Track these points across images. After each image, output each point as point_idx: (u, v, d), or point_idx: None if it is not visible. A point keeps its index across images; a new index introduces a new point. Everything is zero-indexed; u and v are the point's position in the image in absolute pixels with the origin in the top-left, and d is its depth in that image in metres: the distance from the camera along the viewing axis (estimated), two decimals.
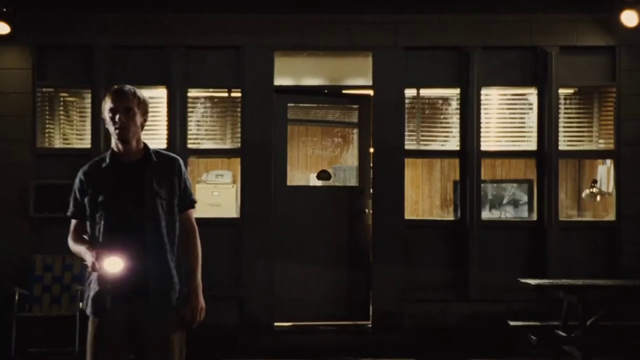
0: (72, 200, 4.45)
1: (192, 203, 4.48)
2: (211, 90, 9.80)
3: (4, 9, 9.01)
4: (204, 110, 9.80)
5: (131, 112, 4.27)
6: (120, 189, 4.28)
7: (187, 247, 4.46)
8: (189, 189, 4.46)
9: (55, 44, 9.46)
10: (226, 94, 9.82)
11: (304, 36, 9.59)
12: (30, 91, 9.48)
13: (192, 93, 9.72)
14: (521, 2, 9.47)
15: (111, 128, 4.29)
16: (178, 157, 4.48)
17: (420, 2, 9.48)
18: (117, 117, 4.24)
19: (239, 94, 9.65)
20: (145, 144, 4.43)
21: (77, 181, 4.42)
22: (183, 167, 4.44)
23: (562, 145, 9.62)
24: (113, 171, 4.33)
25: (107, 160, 4.38)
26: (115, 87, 4.35)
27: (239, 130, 9.63)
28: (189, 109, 9.67)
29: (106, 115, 4.31)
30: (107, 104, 4.29)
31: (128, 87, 4.33)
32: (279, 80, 9.68)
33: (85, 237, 4.37)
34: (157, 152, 4.42)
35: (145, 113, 4.37)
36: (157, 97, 9.56)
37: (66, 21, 9.38)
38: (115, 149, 4.38)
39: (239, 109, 9.65)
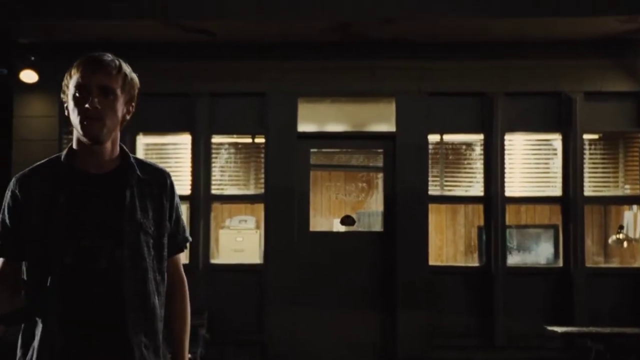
0: None
1: (185, 242, 3.09)
2: (235, 136, 9.86)
3: (32, 58, 9.15)
4: (227, 156, 9.84)
5: (111, 94, 2.81)
6: (82, 215, 2.78)
7: (175, 308, 3.03)
8: (182, 220, 3.10)
9: None
10: (250, 140, 9.87)
11: (328, 82, 9.64)
12: (57, 138, 9.58)
13: (216, 139, 9.77)
14: (544, 48, 9.48)
15: (74, 116, 2.82)
16: (168, 172, 3.08)
17: (442, 48, 9.52)
18: (87, 99, 2.77)
19: (263, 140, 9.70)
20: (123, 148, 2.96)
21: (8, 196, 2.88)
22: (175, 187, 3.05)
23: (588, 191, 9.56)
24: (72, 184, 2.83)
25: (62, 166, 2.88)
26: (90, 54, 2.87)
27: (263, 176, 9.66)
28: (213, 155, 9.72)
29: (69, 93, 2.84)
30: (74, 78, 2.82)
31: (109, 55, 2.88)
32: (303, 126, 9.72)
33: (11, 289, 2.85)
34: (140, 161, 2.98)
35: (131, 100, 2.93)
36: (181, 143, 9.63)
37: None
38: (76, 149, 2.90)
39: (262, 155, 9.69)
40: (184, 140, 9.67)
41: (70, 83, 2.83)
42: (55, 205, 2.78)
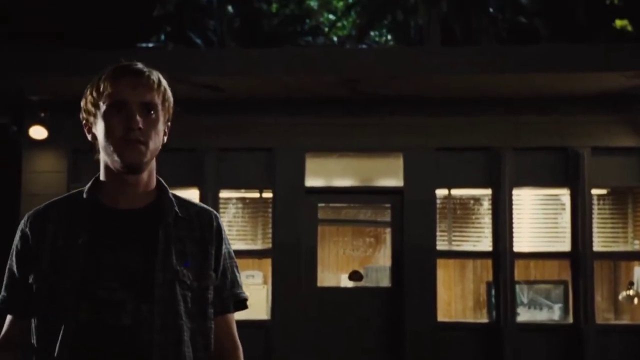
0: (5, 278, 2.43)
1: (235, 299, 2.53)
2: (243, 190, 9.87)
3: (42, 114, 9.21)
4: (235, 211, 9.85)
5: (153, 112, 2.36)
6: (105, 260, 2.29)
7: None
8: (236, 273, 2.53)
9: (89, 147, 9.61)
10: (258, 195, 9.88)
11: (335, 138, 9.68)
12: (66, 193, 9.60)
13: (224, 194, 9.78)
14: (551, 103, 9.51)
15: (107, 139, 2.33)
16: (216, 213, 2.53)
17: (449, 103, 9.56)
18: (128, 118, 2.31)
19: (271, 195, 9.70)
20: (160, 181, 2.48)
21: (17, 237, 2.43)
22: (225, 231, 2.51)
23: (597, 246, 9.50)
24: (95, 222, 2.34)
25: (84, 200, 2.40)
26: (121, 64, 2.39)
27: (270, 230, 9.64)
28: (221, 210, 9.72)
29: (100, 112, 2.35)
30: (106, 93, 2.33)
31: (142, 65, 2.40)
32: (310, 181, 9.73)
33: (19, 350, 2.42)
34: (180, 199, 2.48)
35: (169, 119, 2.48)
36: (189, 198, 9.64)
37: None
38: (103, 180, 2.41)
39: (270, 210, 9.69)
40: (192, 195, 9.68)
41: (101, 100, 2.32)
42: (72, 248, 2.28)
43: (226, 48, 18.66)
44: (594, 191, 9.60)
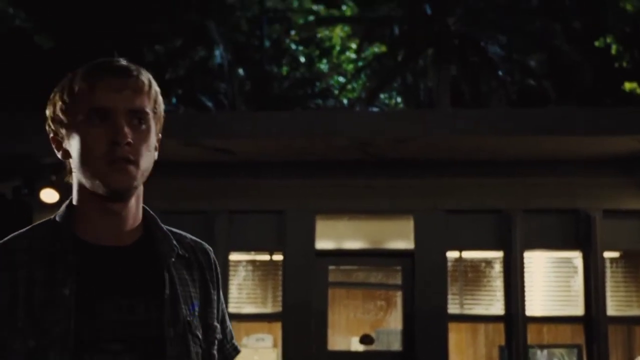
0: None
1: (235, 353, 2.11)
2: (253, 253, 9.84)
3: (53, 177, 9.24)
4: (245, 274, 9.81)
5: (144, 123, 1.86)
6: (99, 314, 1.77)
7: None
8: (229, 320, 2.10)
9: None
10: (268, 257, 9.85)
11: (346, 200, 9.68)
12: None
13: (234, 256, 9.75)
14: (562, 165, 9.51)
15: (85, 158, 1.83)
16: (209, 247, 2.13)
17: (460, 165, 9.56)
18: (113, 130, 1.80)
19: (281, 257, 9.67)
20: (145, 209, 1.99)
21: None
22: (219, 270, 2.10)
23: (611, 310, 9.40)
24: (80, 265, 1.81)
25: (62, 235, 1.86)
26: (102, 60, 1.88)
27: (280, 293, 9.59)
28: (231, 273, 9.68)
29: (74, 121, 1.84)
30: (83, 97, 1.82)
31: (126, 62, 1.87)
32: (320, 243, 9.70)
33: None
34: (172, 231, 2.01)
35: (161, 127, 1.96)
36: None
37: None
38: (79, 208, 1.90)
39: (280, 273, 9.64)
40: None
41: (76, 106, 1.81)
42: (56, 300, 1.73)
43: (236, 111, 18.80)
44: (606, 254, 9.54)
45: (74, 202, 1.92)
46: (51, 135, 1.93)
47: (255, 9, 22.17)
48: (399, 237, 9.84)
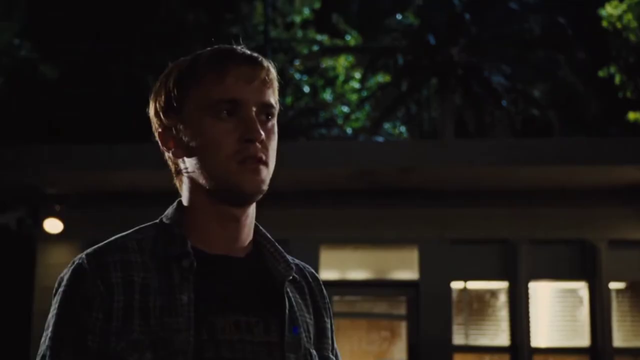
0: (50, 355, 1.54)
1: None
2: None
3: (57, 208, 9.24)
4: None
5: (272, 119, 1.69)
6: (220, 330, 1.58)
7: None
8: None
9: (103, 239, 9.60)
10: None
11: (350, 229, 9.65)
12: None
13: None
14: (567, 195, 9.49)
15: (207, 160, 1.63)
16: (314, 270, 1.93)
17: (465, 195, 9.55)
18: (246, 126, 1.61)
19: None
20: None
21: (70, 292, 1.61)
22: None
23: (617, 342, 9.34)
24: (198, 274, 1.61)
25: (177, 241, 1.64)
26: (225, 46, 1.67)
27: None
28: None
29: (187, 113, 1.63)
30: (205, 87, 1.62)
31: (253, 52, 1.68)
32: (325, 273, 9.66)
33: None
34: (277, 247, 1.86)
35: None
36: None
37: (112, 219, 9.57)
38: (194, 212, 1.69)
39: None
40: None
41: (198, 94, 1.59)
42: (174, 307, 1.53)
43: None
44: (612, 285, 9.49)
45: (185, 204, 1.68)
46: (159, 130, 1.67)
47: (260, 38, 22.31)
48: (404, 267, 9.81)
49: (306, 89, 23.52)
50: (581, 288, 9.56)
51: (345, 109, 23.18)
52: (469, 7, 18.78)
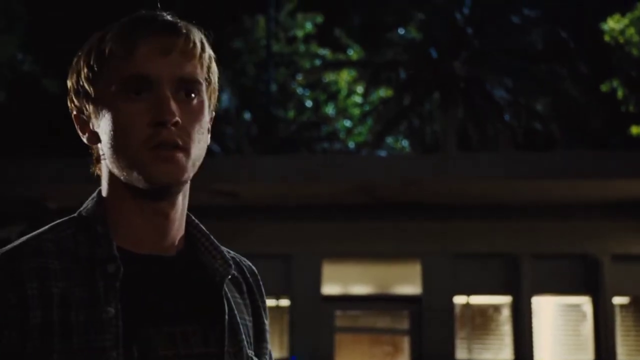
0: None
1: None
2: None
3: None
4: None
5: (196, 96, 1.41)
6: (153, 347, 1.35)
7: None
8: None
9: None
10: (274, 303, 9.77)
11: (353, 244, 9.62)
12: None
13: None
14: (570, 209, 9.46)
15: (120, 141, 1.38)
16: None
17: (467, 210, 9.52)
18: (156, 104, 1.35)
19: (287, 303, 9.60)
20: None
21: None
22: None
23: (621, 356, 9.29)
24: (125, 279, 1.35)
25: (98, 238, 1.41)
26: (142, 13, 1.43)
27: (286, 339, 9.50)
28: None
29: (100, 95, 1.40)
30: (116, 59, 1.37)
31: (172, 16, 1.44)
32: (327, 288, 9.63)
33: None
34: (212, 241, 1.58)
35: (215, 99, 1.50)
36: None
37: None
38: (113, 204, 1.45)
39: (286, 318, 9.56)
40: None
41: (108, 74, 1.38)
42: (98, 323, 1.32)
43: (243, 156, 18.82)
44: (616, 300, 9.45)
45: (104, 195, 1.46)
46: (74, 112, 1.45)
47: (262, 53, 22.32)
48: (406, 281, 9.77)
49: (308, 103, 23.53)
50: (584, 303, 9.52)
51: (348, 123, 23.19)
52: (471, 21, 18.80)
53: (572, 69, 18.45)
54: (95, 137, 1.43)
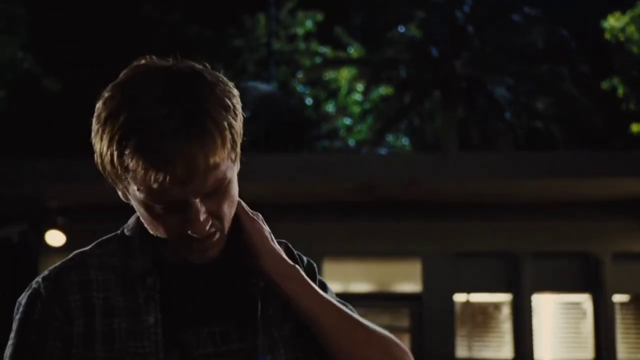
0: None
1: None
2: None
3: (60, 221, 9.21)
4: None
5: (223, 184, 1.39)
6: (192, 351, 1.43)
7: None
8: None
9: None
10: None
11: (353, 242, 9.64)
12: None
13: None
14: (571, 208, 9.47)
15: (156, 232, 1.41)
16: (312, 261, 1.78)
17: (468, 208, 9.53)
18: (190, 223, 1.36)
19: None
20: None
21: (24, 316, 1.45)
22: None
23: (621, 353, 9.31)
24: (164, 288, 1.44)
25: (139, 250, 1.48)
26: (149, 115, 1.30)
27: None
28: None
29: (129, 188, 1.37)
30: (137, 177, 1.32)
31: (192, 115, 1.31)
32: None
33: None
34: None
35: (237, 148, 1.43)
36: None
37: (114, 232, 9.56)
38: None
39: None
40: None
41: (131, 181, 1.35)
42: (139, 330, 1.40)
43: (242, 152, 18.80)
44: (616, 297, 9.46)
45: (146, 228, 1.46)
46: (109, 180, 1.42)
47: (263, 51, 22.32)
48: (407, 279, 9.78)
49: (309, 101, 23.53)
50: (585, 301, 9.53)
51: (348, 121, 23.17)
52: (472, 20, 18.79)
53: (573, 69, 18.46)
54: (127, 199, 1.43)
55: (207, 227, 1.37)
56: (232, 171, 1.42)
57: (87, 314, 1.41)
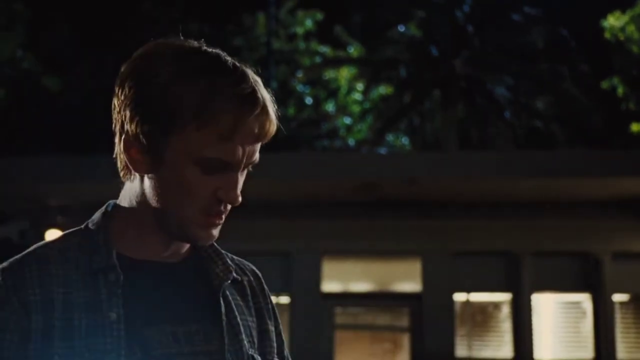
0: None
1: None
2: None
3: (60, 219, 9.22)
4: None
5: (254, 163, 1.51)
6: (155, 348, 1.41)
7: None
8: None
9: None
10: (274, 300, 9.76)
11: (353, 241, 9.63)
12: None
13: None
14: (570, 208, 9.47)
15: (171, 203, 1.43)
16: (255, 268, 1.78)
17: (468, 208, 9.53)
18: (226, 190, 1.45)
19: (288, 300, 9.61)
20: None
21: None
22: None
23: (621, 353, 9.31)
24: (127, 284, 1.43)
25: (98, 246, 1.46)
26: (250, 86, 1.44)
27: (287, 336, 9.51)
28: None
29: (165, 142, 1.39)
30: (213, 125, 1.37)
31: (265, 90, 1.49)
32: (327, 285, 9.64)
33: None
34: (215, 248, 1.62)
35: None
36: None
37: None
38: (126, 220, 1.51)
39: (286, 315, 9.57)
40: None
41: (188, 136, 1.38)
42: (100, 327, 1.38)
43: None
44: (616, 297, 9.46)
45: (125, 205, 1.50)
46: (125, 136, 1.44)
47: (263, 50, 22.33)
48: (407, 279, 9.78)
49: (308, 100, 23.53)
50: (585, 300, 9.53)
51: (348, 120, 23.18)
52: (472, 20, 18.79)
53: (573, 68, 18.46)
54: (144, 169, 1.43)
55: (238, 198, 1.45)
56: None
57: (46, 309, 1.37)
